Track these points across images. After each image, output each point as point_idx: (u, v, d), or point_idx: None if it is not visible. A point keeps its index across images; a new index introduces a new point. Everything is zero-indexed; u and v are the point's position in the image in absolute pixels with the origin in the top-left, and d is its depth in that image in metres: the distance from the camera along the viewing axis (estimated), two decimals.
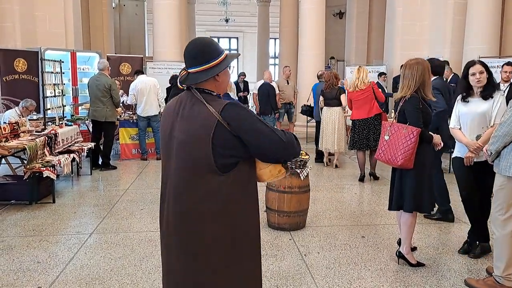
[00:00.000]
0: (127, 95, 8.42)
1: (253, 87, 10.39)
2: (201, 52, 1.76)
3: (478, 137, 3.47)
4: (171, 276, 1.86)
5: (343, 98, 7.00)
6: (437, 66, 4.42)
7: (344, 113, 7.26)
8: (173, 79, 8.34)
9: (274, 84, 9.37)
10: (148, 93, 7.83)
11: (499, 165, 3.00)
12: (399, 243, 3.61)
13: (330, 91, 7.10)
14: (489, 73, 3.43)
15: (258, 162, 1.82)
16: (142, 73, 8.28)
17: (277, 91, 9.20)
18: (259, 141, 1.70)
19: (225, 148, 1.69)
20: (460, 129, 3.63)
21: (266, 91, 8.81)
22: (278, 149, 1.72)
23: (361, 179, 6.45)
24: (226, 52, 1.83)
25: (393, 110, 6.28)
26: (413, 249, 3.72)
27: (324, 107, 7.18)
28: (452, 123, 3.70)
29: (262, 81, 9.47)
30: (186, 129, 1.73)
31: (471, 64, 3.45)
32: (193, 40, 1.84)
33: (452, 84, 7.53)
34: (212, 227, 1.74)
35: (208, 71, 1.76)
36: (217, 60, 1.77)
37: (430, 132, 3.39)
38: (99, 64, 7.35)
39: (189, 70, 1.78)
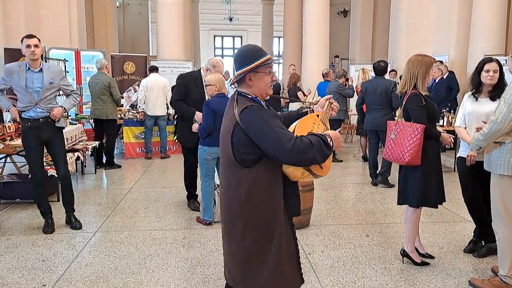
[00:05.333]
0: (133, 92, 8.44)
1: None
2: (240, 57, 2.00)
3: None
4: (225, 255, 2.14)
5: (300, 94, 8.47)
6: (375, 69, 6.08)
7: (349, 111, 8.07)
8: (180, 78, 8.34)
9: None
10: (158, 93, 7.83)
11: (490, 164, 2.98)
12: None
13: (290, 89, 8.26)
14: (501, 75, 3.36)
15: None
16: (157, 71, 8.21)
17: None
18: (263, 144, 1.87)
19: (241, 146, 1.92)
20: (465, 128, 3.55)
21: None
22: (282, 155, 1.84)
23: (364, 158, 7.81)
24: (265, 58, 1.96)
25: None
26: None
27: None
28: (458, 121, 3.62)
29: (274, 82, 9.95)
30: (223, 126, 2.03)
31: (488, 60, 3.37)
32: (243, 46, 2.09)
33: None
34: (240, 215, 1.98)
35: (240, 74, 1.98)
36: (251, 65, 1.95)
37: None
38: (97, 63, 7.37)
39: (235, 73, 2.03)
